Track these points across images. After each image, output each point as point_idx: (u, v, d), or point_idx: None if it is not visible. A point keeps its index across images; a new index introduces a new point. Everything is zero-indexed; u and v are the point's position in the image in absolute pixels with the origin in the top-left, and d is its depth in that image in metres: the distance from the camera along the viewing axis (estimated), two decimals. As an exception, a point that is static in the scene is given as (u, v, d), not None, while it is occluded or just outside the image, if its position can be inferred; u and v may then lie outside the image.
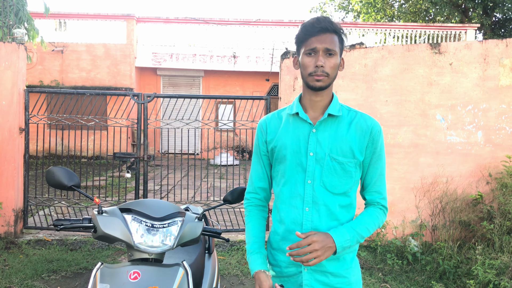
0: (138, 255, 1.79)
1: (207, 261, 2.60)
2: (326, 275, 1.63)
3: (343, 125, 1.63)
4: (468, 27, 14.67)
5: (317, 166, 1.61)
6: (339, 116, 1.64)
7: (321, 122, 1.63)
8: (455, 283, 4.09)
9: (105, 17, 13.75)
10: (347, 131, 1.62)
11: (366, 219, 1.63)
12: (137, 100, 5.34)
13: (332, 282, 1.63)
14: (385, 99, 5.07)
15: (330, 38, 1.56)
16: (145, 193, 5.44)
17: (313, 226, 1.61)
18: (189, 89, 15.35)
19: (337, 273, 1.63)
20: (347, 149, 1.60)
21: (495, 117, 5.03)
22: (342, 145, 1.60)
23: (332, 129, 1.63)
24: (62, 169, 1.92)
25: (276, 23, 14.39)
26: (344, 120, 1.64)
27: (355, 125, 1.62)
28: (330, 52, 1.56)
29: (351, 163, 1.61)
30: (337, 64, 1.59)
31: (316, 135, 1.63)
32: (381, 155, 1.67)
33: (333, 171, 1.61)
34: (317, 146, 1.62)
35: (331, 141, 1.61)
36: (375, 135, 1.63)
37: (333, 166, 1.60)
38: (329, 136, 1.62)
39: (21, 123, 5.28)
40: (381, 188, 1.68)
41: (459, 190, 4.97)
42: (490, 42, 5.04)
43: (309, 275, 1.63)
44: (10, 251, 4.85)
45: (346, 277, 1.64)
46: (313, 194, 1.62)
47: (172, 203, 1.94)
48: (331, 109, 1.62)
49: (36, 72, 13.43)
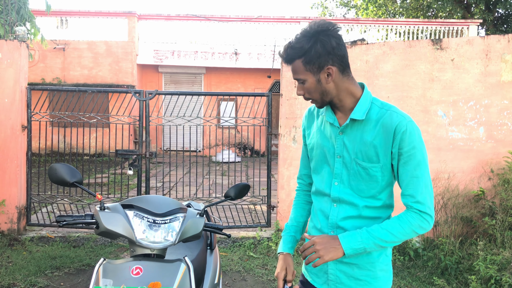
0: (140, 251, 1.80)
1: (209, 257, 2.61)
2: (351, 267, 1.64)
3: (369, 128, 1.57)
4: (471, 23, 14.61)
5: (344, 170, 1.62)
6: (365, 119, 1.57)
7: (347, 126, 1.61)
8: (457, 278, 4.09)
9: (106, 15, 13.76)
10: (372, 134, 1.55)
11: (390, 223, 1.56)
12: (139, 97, 5.35)
13: (357, 274, 1.64)
14: (386, 95, 5.07)
15: (294, 68, 1.56)
16: (147, 190, 5.46)
17: (337, 221, 1.65)
18: (191, 86, 15.35)
19: (361, 265, 1.64)
20: (372, 153, 1.56)
21: (497, 113, 5.02)
22: (367, 149, 1.56)
23: (358, 133, 1.59)
24: (64, 166, 1.93)
25: (278, 20, 14.37)
26: (371, 121, 1.57)
27: (381, 125, 1.54)
28: (300, 81, 1.58)
29: (376, 168, 1.57)
30: (311, 87, 1.56)
31: (342, 139, 1.62)
32: (412, 156, 1.52)
33: (359, 176, 1.59)
34: (344, 150, 1.61)
35: (356, 145, 1.58)
36: (398, 134, 1.51)
37: (358, 171, 1.59)
38: (355, 140, 1.59)
39: (23, 121, 5.30)
40: (414, 191, 1.53)
41: (461, 186, 4.97)
42: (492, 37, 5.03)
43: (334, 265, 1.67)
44: (14, 248, 4.87)
45: (371, 270, 1.64)
46: (339, 195, 1.64)
47: (173, 199, 1.95)
48: (354, 113, 1.57)
49: (38, 70, 13.45)
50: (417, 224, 1.53)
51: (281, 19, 14.37)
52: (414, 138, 1.51)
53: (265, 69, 14.53)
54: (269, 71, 14.55)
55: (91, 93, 5.56)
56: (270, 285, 4.09)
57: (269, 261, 4.66)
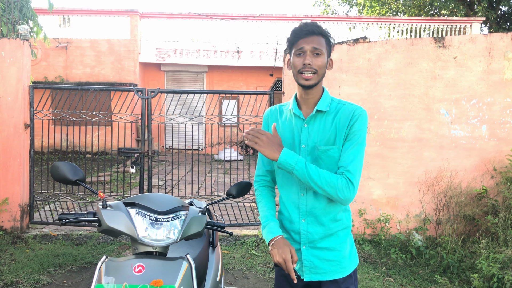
0: (142, 249, 1.80)
1: (211, 254, 2.62)
2: (322, 250, 1.82)
3: (330, 118, 1.80)
4: (474, 21, 14.55)
5: (308, 157, 1.80)
6: (327, 110, 1.80)
7: (311, 117, 1.81)
8: (459, 277, 4.09)
9: (108, 13, 13.76)
10: (332, 123, 1.78)
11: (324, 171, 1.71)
12: (141, 95, 5.35)
13: (328, 256, 1.82)
14: (389, 94, 5.06)
15: (316, 40, 1.74)
16: (149, 188, 5.47)
17: (307, 208, 1.81)
18: (193, 85, 15.36)
19: (331, 247, 1.82)
20: (330, 139, 1.77)
21: (500, 111, 5.01)
22: (328, 135, 1.77)
23: (321, 123, 1.80)
24: (66, 164, 1.94)
25: (280, 18, 14.34)
26: (332, 113, 1.80)
27: (340, 115, 1.78)
28: (316, 52, 1.73)
29: (333, 149, 1.76)
30: (324, 63, 1.76)
31: (307, 129, 1.82)
32: (357, 138, 1.75)
33: (320, 160, 1.78)
34: (308, 139, 1.81)
35: (319, 133, 1.79)
36: (354, 117, 1.75)
37: (318, 155, 1.78)
38: (318, 129, 1.80)
39: (26, 119, 5.31)
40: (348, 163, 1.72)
41: (463, 184, 4.96)
42: (495, 35, 5.01)
43: (307, 251, 1.83)
44: (17, 245, 4.89)
45: (340, 250, 1.83)
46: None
47: (175, 197, 1.96)
48: (319, 105, 1.80)
49: (40, 68, 13.48)
50: (341, 187, 1.69)
51: (283, 17, 14.35)
52: (363, 123, 1.76)
53: (267, 67, 14.52)
54: (271, 69, 14.54)
55: (94, 92, 5.57)
56: (272, 283, 4.10)
57: (271, 259, 4.67)
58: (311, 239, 1.82)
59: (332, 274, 1.81)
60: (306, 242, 1.82)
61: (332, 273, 1.81)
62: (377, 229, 5.00)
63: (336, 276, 1.81)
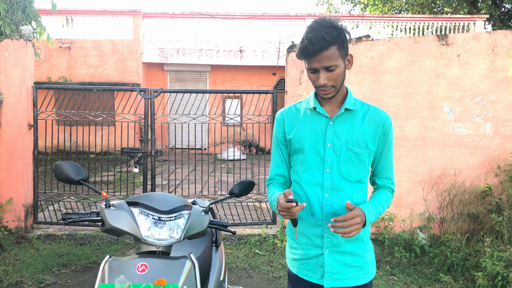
0: (145, 248, 1.81)
1: (214, 254, 2.62)
2: (346, 255, 1.76)
3: (357, 118, 1.76)
4: (477, 18, 14.47)
5: (334, 156, 1.74)
6: (354, 109, 1.76)
7: (338, 116, 1.75)
8: (463, 275, 4.07)
9: (111, 13, 13.78)
10: (361, 124, 1.75)
11: (381, 199, 1.79)
12: (144, 95, 5.36)
13: (351, 261, 1.76)
14: (392, 92, 5.04)
15: (327, 55, 1.59)
16: (153, 188, 5.48)
17: (332, 211, 1.74)
18: (196, 84, 15.36)
19: (355, 252, 1.77)
20: (361, 141, 1.73)
21: (504, 108, 4.98)
22: (357, 136, 1.73)
23: (348, 122, 1.75)
24: (70, 164, 1.94)
25: (283, 17, 14.32)
26: (359, 113, 1.77)
27: (368, 118, 1.75)
28: (330, 69, 1.62)
29: (365, 153, 1.74)
30: (340, 73, 1.65)
31: (333, 128, 1.75)
32: (391, 146, 1.83)
33: (349, 161, 1.73)
34: (334, 137, 1.74)
35: (348, 133, 1.74)
36: (387, 127, 1.77)
37: (349, 156, 1.73)
38: (346, 128, 1.74)
39: (29, 119, 5.33)
40: (391, 175, 1.86)
41: (467, 183, 4.94)
42: (498, 33, 4.98)
43: (330, 256, 1.75)
44: (21, 245, 4.91)
45: (363, 256, 1.79)
46: (331, 182, 1.74)
47: (178, 197, 1.96)
48: (347, 103, 1.74)
49: (44, 69, 13.52)
50: (390, 201, 1.83)
51: (286, 16, 14.32)
52: (392, 132, 1.81)
53: (270, 67, 14.50)
54: (274, 68, 14.53)
55: (97, 92, 5.58)
56: (276, 282, 4.09)
57: (275, 258, 4.66)
58: (335, 242, 1.75)
59: (354, 280, 1.76)
60: (330, 246, 1.75)
61: (354, 279, 1.76)
62: (381, 228, 4.99)
63: (358, 283, 1.77)
